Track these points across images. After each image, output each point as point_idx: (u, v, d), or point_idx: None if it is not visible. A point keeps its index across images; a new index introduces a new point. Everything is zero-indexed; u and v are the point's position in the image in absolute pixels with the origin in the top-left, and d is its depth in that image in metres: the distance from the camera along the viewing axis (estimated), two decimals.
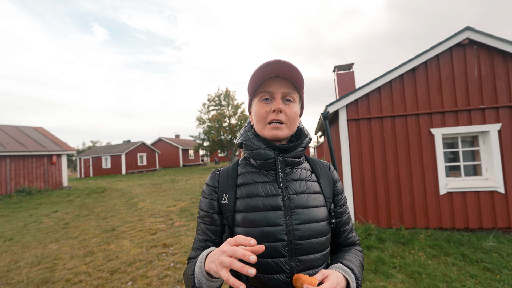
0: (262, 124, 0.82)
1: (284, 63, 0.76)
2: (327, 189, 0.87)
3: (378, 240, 4.24)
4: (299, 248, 0.76)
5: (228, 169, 0.91)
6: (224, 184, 0.87)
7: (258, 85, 0.82)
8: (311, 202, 0.81)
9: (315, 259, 0.78)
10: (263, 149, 0.83)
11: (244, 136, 0.90)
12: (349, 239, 0.92)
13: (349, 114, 5.03)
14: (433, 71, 4.72)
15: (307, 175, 0.87)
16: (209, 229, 0.85)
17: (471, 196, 4.48)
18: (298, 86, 0.82)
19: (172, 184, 13.59)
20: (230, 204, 0.83)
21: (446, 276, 3.07)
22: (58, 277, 3.52)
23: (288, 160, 0.84)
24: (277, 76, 0.80)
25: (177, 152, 31.53)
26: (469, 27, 4.48)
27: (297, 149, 0.85)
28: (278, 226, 0.76)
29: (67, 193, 12.11)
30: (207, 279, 0.64)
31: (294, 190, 0.81)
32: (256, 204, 0.79)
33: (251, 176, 0.85)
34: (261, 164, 0.85)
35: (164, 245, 4.58)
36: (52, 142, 14.66)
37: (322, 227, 0.80)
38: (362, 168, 4.91)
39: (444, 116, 4.64)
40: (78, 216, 7.48)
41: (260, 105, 0.82)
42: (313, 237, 0.77)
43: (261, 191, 0.81)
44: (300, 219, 0.78)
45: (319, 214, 0.81)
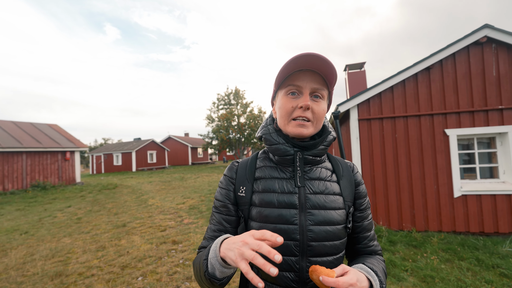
0: (286, 119, 0.79)
1: (317, 57, 0.71)
2: (347, 191, 0.83)
3: (389, 242, 4.16)
4: (311, 249, 0.74)
5: (247, 161, 0.89)
6: (242, 176, 0.85)
7: (286, 77, 0.78)
8: (329, 203, 0.78)
9: (327, 262, 0.75)
10: (282, 145, 0.81)
11: (264, 129, 0.87)
12: (369, 247, 0.87)
13: (361, 113, 4.95)
14: (449, 70, 4.59)
15: (327, 175, 0.83)
16: (224, 219, 0.84)
17: (487, 199, 4.34)
18: (329, 82, 0.78)
19: (181, 181, 13.72)
20: (247, 197, 0.81)
21: (461, 281, 2.99)
22: (71, 271, 3.60)
23: (308, 158, 0.81)
24: (307, 70, 0.76)
25: (186, 150, 31.83)
26: (487, 24, 4.33)
27: (318, 147, 0.81)
28: (291, 225, 0.74)
29: (80, 188, 12.40)
30: (221, 264, 0.62)
31: (311, 190, 0.79)
32: (271, 200, 0.77)
33: (269, 171, 0.83)
34: (280, 160, 0.83)
35: (173, 242, 4.62)
36: (66, 139, 15.04)
37: (338, 231, 0.77)
38: (373, 169, 4.83)
39: (459, 116, 4.51)
40: (90, 211, 7.65)
41: (286, 99, 0.78)
42: (327, 240, 0.75)
43: (277, 187, 0.79)
44: (315, 220, 0.75)
45: (336, 216, 0.77)
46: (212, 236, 0.83)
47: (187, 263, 3.72)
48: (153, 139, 27.76)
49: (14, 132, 13.42)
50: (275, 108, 0.86)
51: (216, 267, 0.63)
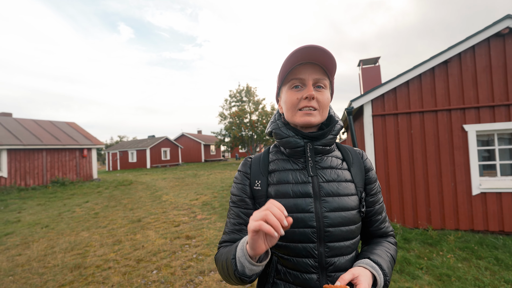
0: (293, 111, 0.81)
1: (315, 48, 0.73)
2: (358, 177, 0.85)
3: (403, 240, 4.09)
4: (328, 235, 0.76)
5: (260, 156, 0.92)
6: (256, 170, 0.87)
7: (287, 72, 0.80)
8: (342, 190, 0.80)
9: (344, 247, 0.77)
10: (292, 138, 0.83)
11: (273, 124, 0.90)
12: (381, 229, 0.90)
13: (375, 109, 4.86)
14: (468, 64, 4.43)
15: (338, 163, 0.85)
16: (243, 212, 0.86)
17: (508, 197, 4.18)
18: (329, 72, 0.80)
19: (194, 178, 13.92)
20: (263, 190, 0.84)
21: (478, 281, 2.90)
22: (90, 263, 3.74)
23: (318, 148, 0.83)
24: (307, 62, 0.78)
25: (199, 148, 32.21)
26: (510, 15, 4.14)
27: (327, 137, 0.83)
28: (307, 213, 0.77)
29: (97, 185, 12.80)
30: (250, 262, 0.64)
31: (324, 178, 0.81)
32: (286, 191, 0.80)
33: (282, 164, 0.86)
34: (291, 152, 0.85)
35: (187, 237, 4.72)
36: (83, 136, 15.54)
37: (352, 216, 0.79)
38: (388, 166, 4.73)
39: (479, 111, 4.35)
40: (106, 206, 7.90)
41: (290, 93, 0.81)
42: (343, 225, 0.77)
43: (291, 178, 0.81)
44: (330, 207, 0.77)
45: (350, 202, 0.80)
46: (232, 230, 0.86)
47: (201, 258, 3.79)
48: (167, 136, 28.25)
49: (35, 130, 13.99)
50: (281, 104, 0.89)
51: (246, 265, 0.65)
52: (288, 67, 0.78)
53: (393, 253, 0.84)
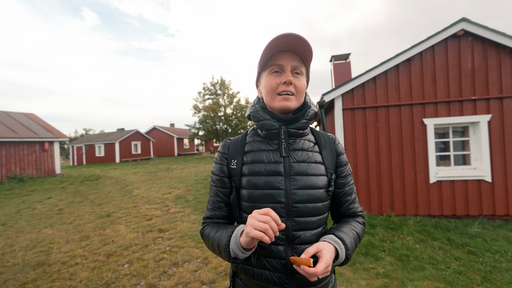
0: (272, 95, 0.86)
1: (294, 36, 0.78)
2: (329, 160, 0.92)
3: (369, 226, 4.37)
4: (295, 210, 0.82)
5: (238, 138, 0.98)
6: (233, 151, 0.94)
7: (268, 58, 0.85)
8: (311, 170, 0.86)
9: (310, 222, 0.84)
10: (268, 120, 0.88)
11: (252, 108, 0.96)
12: (350, 209, 0.97)
13: (345, 103, 5.07)
14: (428, 62, 4.77)
15: (310, 146, 0.92)
16: (220, 191, 0.94)
17: (460, 184, 4.62)
18: (306, 60, 0.86)
19: (167, 172, 13.59)
20: (238, 169, 0.90)
21: (433, 259, 3.21)
22: (54, 260, 3.56)
23: (291, 131, 0.89)
24: (287, 50, 0.83)
25: (172, 141, 31.36)
26: (464, 18, 4.51)
27: (300, 121, 0.89)
28: (277, 190, 0.83)
29: (60, 180, 12.02)
30: (242, 252, 0.75)
31: (295, 159, 0.87)
32: (259, 170, 0.86)
33: (257, 145, 0.92)
34: (267, 134, 0.90)
35: (160, 230, 4.64)
36: (44, 129, 14.43)
37: (319, 194, 0.85)
38: (356, 157, 4.99)
39: (436, 106, 4.72)
40: (72, 202, 7.48)
41: (270, 78, 0.86)
42: (309, 202, 0.84)
43: (264, 158, 0.88)
44: (298, 185, 0.84)
45: (318, 182, 0.86)
46: (213, 207, 0.96)
47: (174, 250, 3.76)
48: (138, 129, 27.12)
49: None
50: (260, 88, 0.94)
51: (238, 254, 0.75)
52: (268, 53, 0.83)
53: (359, 231, 0.90)
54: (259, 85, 0.96)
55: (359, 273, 2.99)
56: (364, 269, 3.06)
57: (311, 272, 0.68)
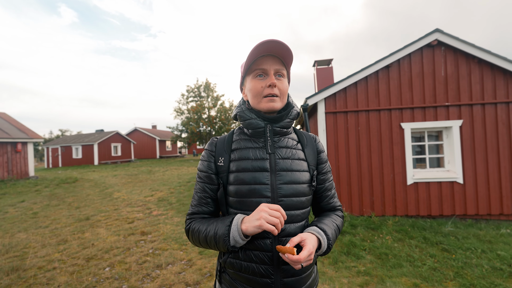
0: (259, 98, 0.91)
1: (275, 42, 0.84)
2: (311, 157, 0.98)
3: (350, 226, 4.51)
4: (281, 204, 0.87)
5: (225, 137, 1.01)
6: (220, 149, 0.97)
7: (251, 63, 0.90)
8: (295, 166, 0.92)
9: (294, 215, 0.89)
10: (254, 119, 0.93)
11: (238, 108, 1.00)
12: (330, 203, 1.04)
13: (327, 107, 5.23)
14: (405, 69, 5.02)
15: (293, 144, 0.98)
16: (208, 187, 0.96)
17: (434, 186, 4.88)
18: (286, 64, 0.93)
19: (148, 175, 13.28)
20: (225, 166, 0.94)
21: (410, 256, 3.37)
22: (30, 265, 3.40)
23: (276, 130, 0.94)
24: (268, 55, 0.89)
25: (154, 143, 30.68)
26: (438, 29, 4.80)
27: (284, 120, 0.95)
28: (264, 185, 0.87)
29: (34, 183, 11.44)
30: (242, 239, 0.80)
31: (280, 156, 0.92)
32: (246, 166, 0.90)
33: (244, 143, 0.96)
34: (253, 133, 0.95)
35: (142, 233, 4.54)
36: (16, 129, 13.71)
37: (303, 189, 0.91)
38: (338, 159, 5.15)
39: (413, 111, 4.97)
40: (47, 205, 7.14)
41: (255, 81, 0.91)
42: (294, 196, 0.89)
43: (251, 155, 0.92)
44: (283, 180, 0.89)
45: (301, 177, 0.92)
46: (200, 203, 0.97)
47: (157, 252, 3.70)
48: (118, 131, 26.28)
49: None
50: (245, 91, 0.99)
51: (238, 241, 0.80)
52: (252, 58, 0.88)
53: (338, 223, 0.98)
54: (243, 88, 1.01)
55: (341, 271, 3.08)
56: (346, 268, 3.16)
57: (295, 259, 0.73)
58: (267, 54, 0.89)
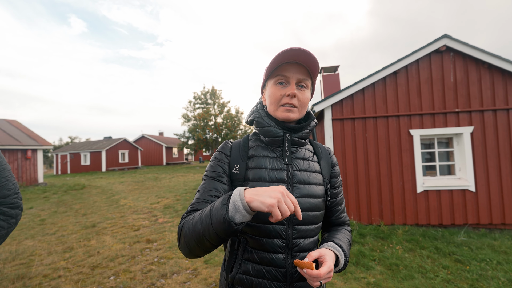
0: (276, 106, 0.88)
1: (302, 51, 0.81)
2: (325, 170, 0.95)
3: (359, 235, 4.40)
4: (297, 218, 0.83)
5: (240, 142, 0.96)
6: (236, 155, 0.92)
7: (275, 68, 0.87)
8: (312, 179, 0.89)
9: (309, 230, 0.86)
10: (273, 127, 0.89)
11: (256, 113, 0.95)
12: (340, 218, 1.01)
13: (334, 113, 5.18)
14: (413, 75, 4.96)
15: (310, 156, 0.94)
16: (221, 187, 0.85)
17: (445, 194, 4.74)
18: (312, 74, 0.88)
19: (155, 181, 13.33)
20: (241, 174, 0.88)
21: (421, 268, 3.25)
22: (35, 273, 3.39)
23: (295, 140, 0.91)
24: (294, 62, 0.85)
25: (161, 150, 30.91)
26: (446, 34, 4.74)
27: (304, 130, 0.91)
28: None
29: (43, 189, 11.58)
30: (245, 208, 0.64)
31: (297, 167, 0.89)
32: (262, 176, 0.86)
33: (261, 150, 0.92)
34: (270, 141, 0.91)
35: (147, 241, 4.51)
36: (27, 136, 13.98)
37: (319, 203, 0.88)
38: (345, 167, 5.06)
39: (422, 118, 4.88)
40: (55, 212, 7.19)
41: (275, 88, 0.87)
42: (310, 210, 0.85)
43: (268, 164, 0.88)
44: (301, 193, 0.85)
45: (318, 191, 0.89)
46: (206, 200, 0.82)
47: (162, 261, 3.66)
48: (125, 138, 26.63)
49: None
50: (265, 96, 0.95)
51: (239, 210, 0.64)
52: (276, 63, 0.84)
53: (350, 238, 0.97)
54: (264, 92, 0.97)
55: (350, 282, 2.99)
56: (355, 279, 3.06)
57: (314, 274, 0.69)
58: (292, 62, 0.85)
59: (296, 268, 0.81)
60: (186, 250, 0.75)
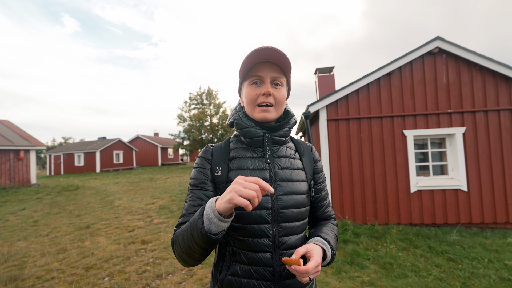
0: (252, 106, 0.89)
1: (273, 49, 0.82)
2: (308, 166, 0.97)
3: (354, 234, 4.43)
4: (282, 216, 0.84)
5: (221, 145, 0.97)
6: (217, 158, 0.92)
7: (248, 69, 0.88)
8: (294, 176, 0.90)
9: (294, 227, 0.87)
10: (252, 128, 0.90)
11: (235, 115, 0.96)
12: (325, 213, 1.02)
13: (329, 114, 5.22)
14: (407, 76, 5.02)
15: (291, 153, 0.96)
16: (205, 194, 0.87)
17: (438, 194, 4.81)
18: (285, 71, 0.89)
19: (150, 182, 13.25)
20: (224, 176, 0.89)
21: (415, 266, 3.30)
22: (28, 274, 3.35)
23: (275, 139, 0.92)
24: (266, 61, 0.86)
25: (156, 151, 30.73)
26: (439, 36, 4.82)
27: (283, 129, 0.92)
28: (264, 196, 0.83)
29: (36, 190, 11.43)
30: (218, 218, 0.66)
31: (279, 165, 0.90)
32: None
33: (242, 152, 0.92)
34: (250, 142, 0.92)
35: (142, 242, 4.49)
36: (20, 136, 13.79)
37: (302, 199, 0.89)
38: (340, 167, 5.10)
39: (415, 118, 4.95)
40: (48, 213, 7.11)
41: (250, 88, 0.88)
42: (294, 207, 0.86)
43: (250, 165, 0.88)
44: (284, 191, 0.86)
45: (301, 187, 0.90)
46: (193, 211, 0.84)
47: (158, 262, 3.64)
48: (120, 138, 26.40)
49: None
50: (242, 97, 0.96)
51: (213, 221, 0.66)
52: (248, 65, 0.86)
53: (336, 232, 0.97)
54: (241, 94, 0.98)
55: (344, 281, 3.01)
56: (349, 278, 3.09)
57: (302, 270, 0.70)
58: (264, 61, 0.86)
59: (284, 266, 0.82)
60: (181, 261, 0.80)
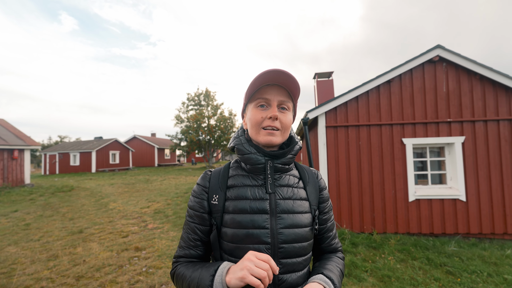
0: (257, 129, 0.84)
1: (282, 73, 0.78)
2: (313, 196, 0.90)
3: (351, 244, 4.37)
4: (282, 251, 0.78)
5: (220, 170, 0.92)
6: (214, 185, 0.87)
7: (255, 91, 0.83)
8: (297, 208, 0.84)
9: (296, 263, 0.80)
10: (254, 154, 0.85)
11: (236, 140, 0.91)
12: (331, 245, 0.96)
13: (328, 121, 5.16)
14: (407, 84, 4.99)
15: (295, 182, 0.89)
16: (199, 228, 0.86)
17: (437, 203, 4.77)
18: (293, 96, 0.86)
19: (146, 184, 13.12)
20: (220, 205, 0.84)
21: (413, 280, 3.24)
22: (16, 283, 3.24)
23: (277, 166, 0.86)
24: (274, 84, 0.82)
25: (153, 151, 30.55)
26: (439, 45, 4.79)
27: (286, 156, 0.87)
28: (263, 229, 0.78)
29: (29, 191, 11.25)
30: None
31: (281, 196, 0.84)
32: (243, 207, 0.81)
33: (241, 179, 0.87)
34: (251, 169, 0.86)
35: (136, 249, 4.39)
36: (14, 135, 13.60)
37: (305, 233, 0.82)
38: (339, 174, 5.05)
39: (415, 127, 4.91)
40: (41, 216, 6.97)
41: (256, 111, 0.83)
42: (296, 242, 0.80)
43: (249, 194, 0.83)
44: (285, 224, 0.80)
45: (303, 220, 0.83)
46: (188, 246, 0.86)
47: (151, 271, 3.55)
48: (117, 138, 26.20)
49: None
50: (246, 120, 0.91)
51: None
52: (255, 86, 0.81)
53: (341, 267, 0.90)
54: (244, 116, 0.93)
55: None
56: None
57: None
58: (272, 84, 0.82)
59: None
60: None
